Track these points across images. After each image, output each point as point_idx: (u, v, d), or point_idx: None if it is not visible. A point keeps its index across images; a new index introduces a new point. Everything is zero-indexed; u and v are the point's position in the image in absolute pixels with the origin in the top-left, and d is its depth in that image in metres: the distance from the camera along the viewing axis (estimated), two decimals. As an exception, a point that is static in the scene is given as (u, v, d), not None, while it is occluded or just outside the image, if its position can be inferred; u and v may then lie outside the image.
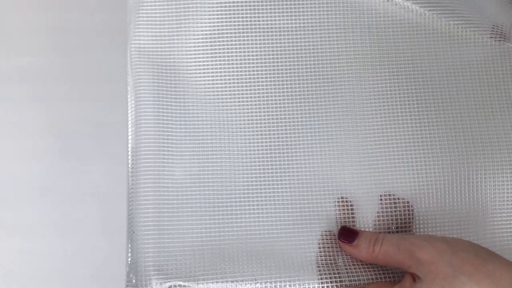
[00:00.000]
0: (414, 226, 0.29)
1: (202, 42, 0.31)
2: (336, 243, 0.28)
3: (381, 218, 0.29)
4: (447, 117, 0.30)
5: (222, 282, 0.26)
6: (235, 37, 0.30)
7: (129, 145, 0.30)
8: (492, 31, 0.30)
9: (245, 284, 0.26)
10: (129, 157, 0.30)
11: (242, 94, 0.30)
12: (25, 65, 0.49)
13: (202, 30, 0.31)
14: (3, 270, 0.39)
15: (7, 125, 0.46)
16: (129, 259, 0.28)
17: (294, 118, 0.30)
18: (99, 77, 0.48)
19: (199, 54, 0.31)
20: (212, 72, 0.31)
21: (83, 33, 0.51)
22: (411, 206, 0.29)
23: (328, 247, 0.28)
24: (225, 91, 0.31)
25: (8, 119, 0.46)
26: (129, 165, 0.30)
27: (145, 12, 0.31)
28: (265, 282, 0.26)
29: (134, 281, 0.27)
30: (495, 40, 0.30)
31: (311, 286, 0.26)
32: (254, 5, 0.31)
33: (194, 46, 0.31)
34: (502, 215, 0.28)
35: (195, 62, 0.31)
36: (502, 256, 0.24)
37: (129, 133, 0.30)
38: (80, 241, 0.40)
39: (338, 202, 0.30)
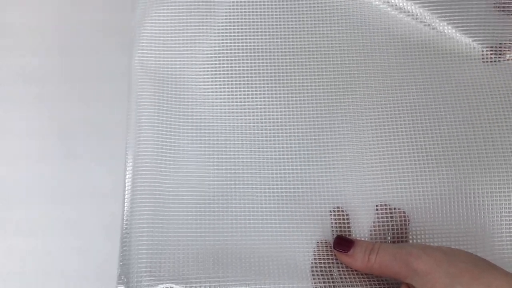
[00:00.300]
0: (410, 237, 0.29)
1: (205, 59, 0.32)
2: (332, 252, 0.28)
3: (377, 228, 0.29)
4: (443, 128, 0.30)
5: (215, 285, 0.26)
6: (236, 54, 0.32)
7: (127, 151, 0.31)
8: (493, 47, 0.30)
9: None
10: (127, 161, 0.31)
11: (241, 104, 0.31)
12: (25, 65, 0.49)
13: (205, 47, 0.32)
14: (3, 270, 0.39)
15: (7, 125, 0.46)
16: (121, 261, 0.29)
17: (292, 128, 0.31)
18: (99, 77, 0.48)
19: (201, 69, 0.32)
20: (213, 85, 0.32)
21: (84, 33, 0.51)
22: (407, 216, 0.29)
23: (323, 256, 0.28)
24: (225, 103, 0.31)
25: (9, 119, 0.46)
26: (127, 168, 0.31)
27: (149, 28, 0.32)
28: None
29: (125, 282, 0.28)
30: (494, 56, 0.30)
31: None
32: (256, 24, 0.32)
33: (197, 62, 0.32)
34: (501, 226, 0.28)
35: (198, 76, 0.32)
36: (500, 267, 0.24)
37: (128, 144, 0.31)
38: (80, 241, 0.40)
39: (334, 211, 0.29)
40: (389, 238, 0.28)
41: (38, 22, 0.52)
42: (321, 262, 0.28)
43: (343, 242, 0.27)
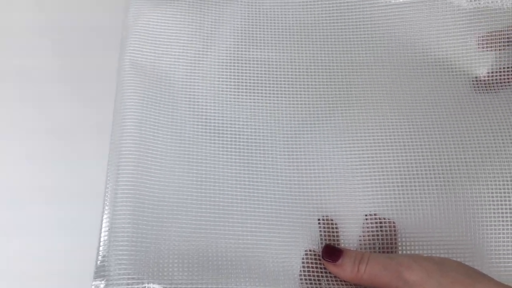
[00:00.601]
0: (399, 247, 0.28)
1: (194, 62, 0.32)
2: (320, 262, 0.27)
3: (366, 237, 0.28)
4: (433, 139, 0.30)
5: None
6: (225, 59, 0.32)
7: (111, 150, 0.31)
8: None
9: None
10: (110, 160, 0.30)
11: (228, 109, 0.31)
12: (25, 65, 0.49)
13: (194, 51, 0.33)
14: (3, 270, 0.39)
15: (7, 125, 0.46)
16: (100, 260, 0.28)
17: (282, 135, 0.31)
18: (99, 77, 0.48)
19: (190, 72, 0.32)
20: (201, 88, 0.32)
21: (83, 33, 0.51)
22: (396, 226, 0.28)
23: (312, 266, 0.27)
24: (213, 107, 0.32)
25: (8, 119, 0.46)
26: (108, 168, 0.30)
27: (141, 29, 0.33)
28: None
29: (104, 280, 0.27)
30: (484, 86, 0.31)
31: None
32: (248, 30, 0.33)
33: (186, 65, 0.32)
34: (491, 236, 0.28)
35: (186, 79, 0.32)
36: (492, 277, 0.24)
37: (112, 142, 0.31)
38: (80, 241, 0.40)
39: (322, 220, 0.29)
40: (378, 248, 0.28)
41: (38, 22, 0.52)
42: (309, 272, 0.27)
43: (331, 251, 0.27)
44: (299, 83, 0.32)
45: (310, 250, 0.28)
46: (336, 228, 0.28)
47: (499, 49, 0.30)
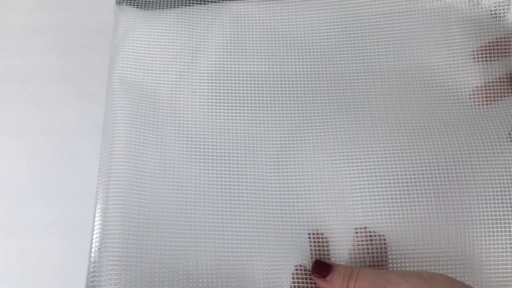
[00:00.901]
0: (389, 261, 0.28)
1: (180, 74, 0.33)
2: (310, 278, 0.27)
3: (356, 252, 0.28)
4: (424, 154, 0.30)
5: None
6: (211, 71, 0.32)
7: (101, 170, 0.31)
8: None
9: None
10: (101, 180, 0.31)
11: (216, 124, 0.31)
12: (25, 65, 0.49)
13: (181, 63, 0.33)
14: (3, 270, 0.39)
15: (7, 125, 0.46)
16: (90, 280, 0.28)
17: (270, 149, 0.31)
18: (99, 77, 0.48)
19: (177, 87, 0.32)
20: (187, 102, 0.32)
21: (83, 33, 0.51)
22: (386, 240, 0.28)
23: (302, 282, 0.27)
24: (199, 122, 0.32)
25: (8, 119, 0.46)
26: (99, 187, 0.31)
27: (129, 46, 0.33)
28: None
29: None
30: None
31: None
32: (233, 46, 0.33)
33: (172, 80, 0.33)
34: (482, 250, 0.28)
35: (172, 92, 0.32)
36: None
37: (101, 160, 0.31)
38: (80, 241, 0.40)
39: (312, 234, 0.29)
40: (368, 262, 0.28)
41: (38, 22, 0.52)
42: (299, 287, 0.27)
43: (321, 267, 0.27)
44: (288, 96, 0.32)
45: (300, 266, 0.28)
46: (327, 242, 0.29)
47: (494, 60, 0.31)
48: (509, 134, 0.29)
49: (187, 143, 0.31)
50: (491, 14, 0.30)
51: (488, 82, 0.31)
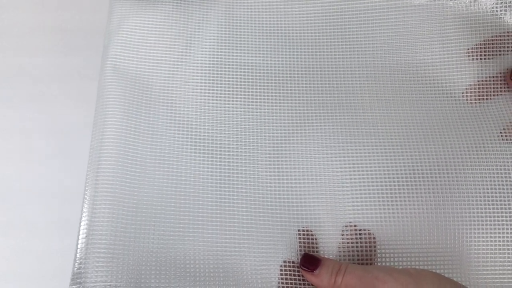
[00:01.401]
0: (378, 257, 0.28)
1: (174, 63, 0.32)
2: (298, 272, 0.27)
3: (345, 248, 0.28)
4: (413, 152, 0.30)
5: None
6: (206, 61, 0.32)
7: (91, 154, 0.31)
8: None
9: None
10: (90, 164, 0.31)
11: (210, 115, 0.31)
12: (25, 65, 0.49)
13: (175, 52, 0.33)
14: (2, 270, 0.39)
15: (7, 125, 0.46)
16: (76, 267, 0.28)
17: (263, 143, 0.31)
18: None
19: (171, 77, 0.32)
20: (181, 92, 0.32)
21: (83, 33, 0.51)
22: (374, 237, 0.28)
23: (289, 276, 0.27)
24: (193, 112, 0.31)
25: (8, 119, 0.46)
26: (88, 173, 0.30)
27: (124, 36, 0.33)
28: None
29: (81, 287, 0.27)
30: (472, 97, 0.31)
31: None
32: (228, 37, 0.33)
33: (166, 70, 0.32)
34: (471, 247, 0.28)
35: (166, 81, 0.32)
36: (466, 286, 0.25)
37: (92, 148, 0.31)
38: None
39: (301, 231, 0.29)
40: (356, 258, 0.28)
41: (38, 22, 0.52)
42: (287, 281, 0.27)
43: (310, 260, 0.27)
44: (282, 88, 0.32)
45: (288, 261, 0.28)
46: (315, 239, 0.29)
47: (489, 58, 0.31)
48: (500, 133, 0.29)
49: (179, 133, 0.31)
50: (491, 13, 0.30)
51: (482, 80, 0.31)
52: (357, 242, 0.28)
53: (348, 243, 0.28)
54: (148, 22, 0.33)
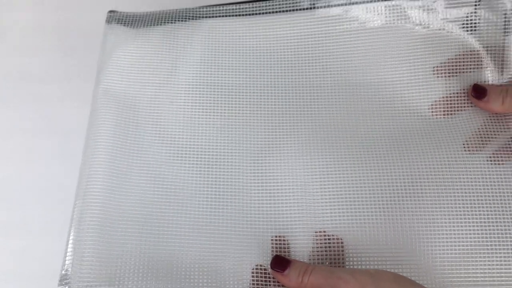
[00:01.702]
0: (346, 263, 0.30)
1: (160, 85, 0.35)
2: (268, 276, 0.29)
3: (315, 254, 0.30)
4: (381, 160, 0.31)
5: None
6: (190, 82, 0.35)
7: (81, 174, 0.33)
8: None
9: None
10: (80, 182, 0.33)
11: (194, 132, 0.34)
12: (25, 65, 0.49)
13: (161, 74, 0.35)
14: (2, 270, 0.39)
15: (7, 125, 0.46)
16: (64, 269, 0.31)
17: (244, 156, 0.33)
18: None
19: (156, 97, 0.35)
20: (166, 112, 0.34)
21: (83, 33, 0.51)
22: (343, 243, 0.30)
23: (260, 279, 0.29)
24: (178, 129, 0.34)
25: (8, 119, 0.46)
26: (79, 187, 0.33)
27: (114, 62, 0.36)
28: None
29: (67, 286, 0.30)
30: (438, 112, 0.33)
31: None
32: (211, 59, 0.36)
33: (152, 88, 0.35)
34: (435, 252, 0.29)
35: (152, 104, 0.35)
36: (424, 285, 0.26)
37: (83, 162, 0.33)
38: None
39: (275, 239, 0.31)
40: (326, 262, 0.30)
41: (38, 22, 0.52)
42: (258, 284, 0.29)
43: (280, 262, 0.29)
44: (260, 105, 0.34)
45: (260, 265, 0.30)
46: (288, 245, 0.30)
47: (452, 76, 0.33)
48: (463, 144, 0.31)
49: (165, 147, 0.33)
50: (455, 33, 0.33)
51: (447, 97, 0.33)
52: (326, 247, 0.30)
53: (318, 248, 0.30)
54: (137, 48, 0.36)
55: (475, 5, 0.33)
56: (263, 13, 0.36)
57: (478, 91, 0.32)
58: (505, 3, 0.32)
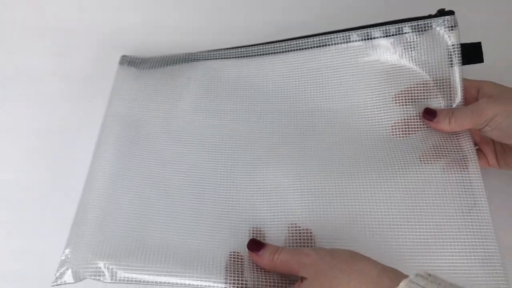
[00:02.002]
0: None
1: (163, 114, 0.42)
2: (242, 260, 0.35)
3: (289, 245, 0.35)
4: (346, 169, 0.38)
5: (149, 273, 0.34)
6: (187, 110, 0.42)
7: (88, 178, 0.39)
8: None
9: (160, 276, 0.34)
10: (87, 185, 0.38)
11: (189, 146, 0.41)
12: (25, 65, 0.49)
13: (165, 105, 0.42)
14: (2, 270, 0.39)
15: (7, 125, 0.46)
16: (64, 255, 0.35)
17: (234, 167, 0.40)
18: (99, 77, 0.48)
19: (160, 122, 0.42)
20: (168, 137, 0.41)
21: (83, 33, 0.51)
22: (313, 235, 0.36)
23: (236, 261, 0.35)
24: (175, 146, 0.41)
25: (8, 119, 0.46)
26: (85, 188, 0.38)
27: (124, 93, 0.43)
28: (179, 277, 0.34)
29: (70, 256, 0.35)
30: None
31: (217, 285, 0.34)
32: (208, 89, 0.43)
33: (157, 116, 0.42)
34: (390, 243, 0.35)
35: (157, 127, 0.41)
36: (375, 260, 0.31)
37: (91, 170, 0.39)
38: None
39: (252, 230, 0.36)
40: None
41: (38, 22, 0.52)
42: (234, 265, 0.35)
43: (256, 244, 0.34)
44: (250, 127, 0.41)
45: (237, 252, 0.35)
46: (264, 236, 0.36)
47: (409, 103, 0.40)
48: (419, 157, 0.38)
49: (160, 157, 0.40)
50: (411, 68, 0.41)
51: (405, 119, 0.40)
52: (298, 237, 0.36)
53: (291, 238, 0.36)
54: (142, 83, 0.44)
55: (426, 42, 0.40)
56: (249, 56, 0.44)
57: (429, 113, 0.38)
58: (447, 41, 0.39)
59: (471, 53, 0.39)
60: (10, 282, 0.39)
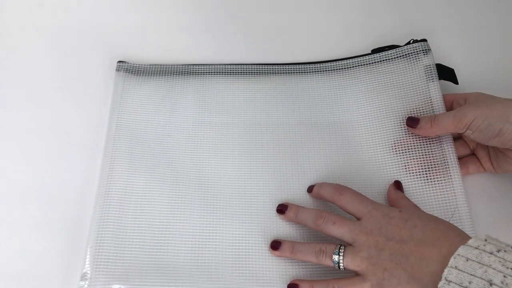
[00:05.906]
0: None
1: (161, 124, 0.45)
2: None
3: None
4: (330, 171, 0.43)
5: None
6: (188, 119, 0.46)
7: (100, 188, 0.42)
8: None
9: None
10: (99, 197, 0.41)
11: (186, 155, 0.44)
12: (25, 65, 0.49)
13: (163, 115, 0.46)
14: (2, 270, 0.39)
15: (7, 125, 0.46)
16: (85, 269, 0.38)
17: (227, 171, 0.44)
18: (99, 77, 0.48)
19: (158, 131, 0.45)
20: (170, 148, 0.44)
21: (83, 33, 0.51)
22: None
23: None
24: (174, 155, 0.44)
25: (8, 119, 0.46)
26: (97, 201, 0.41)
27: (126, 102, 0.46)
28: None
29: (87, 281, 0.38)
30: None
31: None
32: (202, 103, 0.47)
33: (156, 126, 0.45)
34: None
35: (155, 136, 0.45)
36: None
37: (102, 175, 0.42)
38: (79, 241, 0.40)
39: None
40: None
41: (38, 22, 0.52)
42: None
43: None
44: (242, 137, 0.45)
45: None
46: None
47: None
48: (405, 166, 0.42)
49: (164, 170, 0.43)
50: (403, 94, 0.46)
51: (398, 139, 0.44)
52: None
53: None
54: (141, 93, 0.47)
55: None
56: (239, 73, 0.49)
57: (412, 121, 0.42)
58: (424, 62, 0.46)
59: (447, 74, 0.45)
60: (10, 282, 0.39)
